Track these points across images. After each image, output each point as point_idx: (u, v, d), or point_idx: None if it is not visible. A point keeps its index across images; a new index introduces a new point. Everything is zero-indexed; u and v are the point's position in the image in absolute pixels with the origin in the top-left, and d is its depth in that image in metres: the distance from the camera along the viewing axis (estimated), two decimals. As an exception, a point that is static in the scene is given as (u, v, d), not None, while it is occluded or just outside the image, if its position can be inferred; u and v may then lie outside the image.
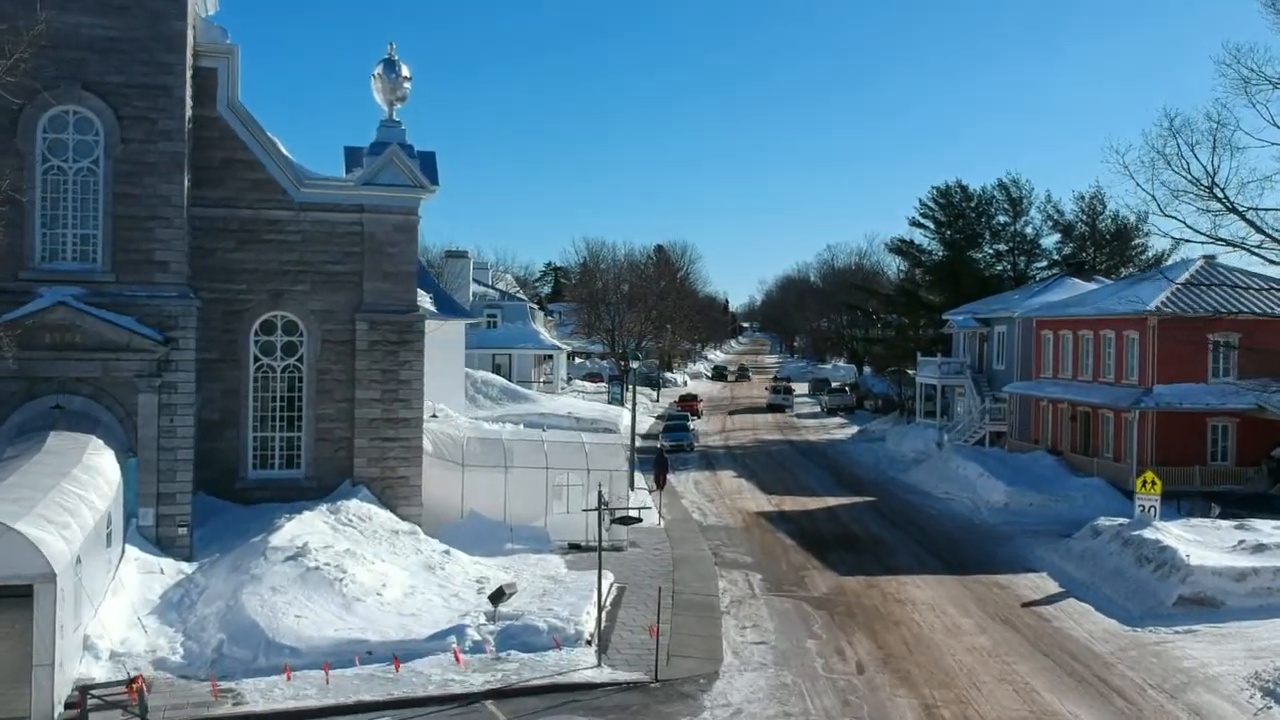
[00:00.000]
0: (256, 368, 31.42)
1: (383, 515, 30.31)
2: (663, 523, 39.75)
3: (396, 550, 28.45)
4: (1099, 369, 48.92)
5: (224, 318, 30.99)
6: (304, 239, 31.45)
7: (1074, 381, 50.65)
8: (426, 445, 33.12)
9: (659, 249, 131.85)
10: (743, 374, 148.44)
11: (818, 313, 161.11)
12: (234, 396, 31.04)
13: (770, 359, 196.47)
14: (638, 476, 49.20)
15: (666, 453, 60.71)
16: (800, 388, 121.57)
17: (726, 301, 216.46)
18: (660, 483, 49.76)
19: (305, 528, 27.85)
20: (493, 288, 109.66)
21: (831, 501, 46.77)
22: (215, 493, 30.63)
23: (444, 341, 52.84)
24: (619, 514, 25.20)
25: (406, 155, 31.72)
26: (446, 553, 29.27)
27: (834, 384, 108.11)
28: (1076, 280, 63.39)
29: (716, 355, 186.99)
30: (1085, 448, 49.11)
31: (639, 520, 26.76)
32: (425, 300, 34.24)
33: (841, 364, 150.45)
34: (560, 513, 34.18)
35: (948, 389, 64.99)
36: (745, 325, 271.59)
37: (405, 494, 31.74)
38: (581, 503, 34.34)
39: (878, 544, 37.38)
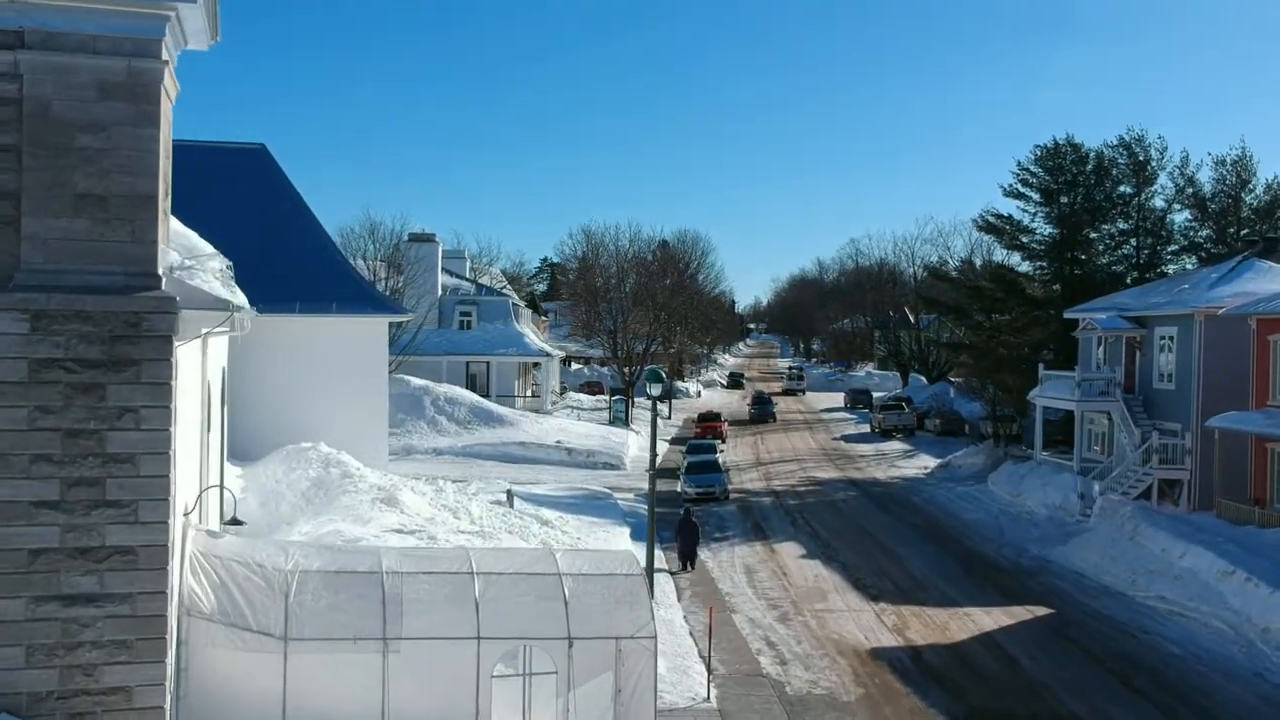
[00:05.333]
0: None
1: (40, 806, 11.80)
2: (713, 692, 21.25)
3: None
4: (1402, 397, 30.45)
5: None
6: (-128, 110, 12.95)
7: (1347, 415, 32.19)
8: (198, 598, 14.53)
9: (663, 244, 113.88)
10: (764, 409, 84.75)
11: (841, 312, 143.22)
12: None
13: (782, 363, 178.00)
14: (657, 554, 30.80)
15: (692, 502, 43.07)
16: (828, 399, 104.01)
17: (733, 302, 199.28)
18: (687, 559, 32.58)
19: None
20: (473, 281, 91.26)
21: (983, 618, 28.08)
22: None
23: (356, 347, 34.56)
24: None
25: (130, -88, 13.17)
26: None
27: (879, 397, 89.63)
28: (1271, 264, 45.00)
29: (726, 360, 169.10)
30: (1373, 522, 30.66)
31: None
32: (212, 270, 15.57)
33: (873, 369, 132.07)
34: (509, 732, 15.65)
35: (1085, 415, 46.50)
36: (751, 326, 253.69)
37: (122, 732, 13.21)
38: (553, 707, 15.92)
39: (1149, 761, 18.87)
